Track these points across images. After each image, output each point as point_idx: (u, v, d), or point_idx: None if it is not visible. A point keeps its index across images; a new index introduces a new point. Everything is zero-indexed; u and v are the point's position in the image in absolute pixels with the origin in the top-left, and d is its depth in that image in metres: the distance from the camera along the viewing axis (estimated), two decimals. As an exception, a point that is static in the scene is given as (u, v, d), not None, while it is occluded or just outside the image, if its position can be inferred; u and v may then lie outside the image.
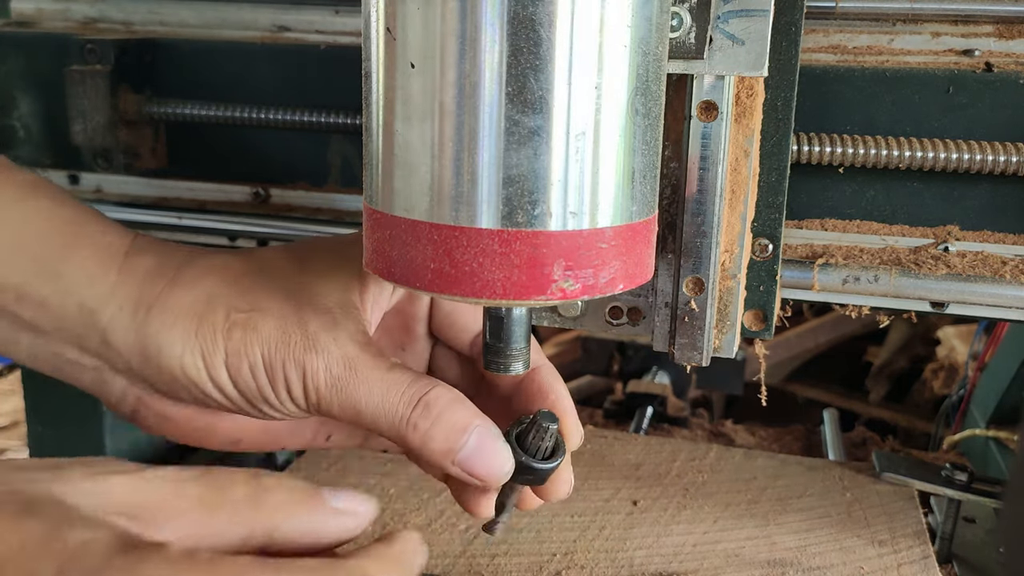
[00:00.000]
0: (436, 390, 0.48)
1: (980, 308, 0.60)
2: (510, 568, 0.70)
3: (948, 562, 0.76)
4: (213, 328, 0.49)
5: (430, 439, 0.47)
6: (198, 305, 0.50)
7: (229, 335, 0.49)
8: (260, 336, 0.48)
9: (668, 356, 0.58)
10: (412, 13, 0.40)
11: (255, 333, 0.48)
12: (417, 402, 0.47)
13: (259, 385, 0.49)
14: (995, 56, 0.59)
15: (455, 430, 0.47)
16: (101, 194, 0.76)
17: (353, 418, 0.48)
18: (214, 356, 0.49)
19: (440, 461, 0.47)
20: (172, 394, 0.51)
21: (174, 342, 0.49)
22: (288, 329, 0.49)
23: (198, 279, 0.51)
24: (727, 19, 0.51)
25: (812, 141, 0.59)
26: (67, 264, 0.51)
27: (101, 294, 0.51)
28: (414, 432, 0.47)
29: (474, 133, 0.40)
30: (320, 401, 0.48)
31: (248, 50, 0.73)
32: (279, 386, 0.48)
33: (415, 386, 0.48)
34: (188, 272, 0.52)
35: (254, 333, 0.48)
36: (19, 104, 0.77)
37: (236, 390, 0.49)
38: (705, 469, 0.85)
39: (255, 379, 0.48)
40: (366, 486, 0.81)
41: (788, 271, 0.61)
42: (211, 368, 0.49)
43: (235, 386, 0.49)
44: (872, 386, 1.65)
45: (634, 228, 0.44)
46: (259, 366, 0.48)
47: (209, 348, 0.49)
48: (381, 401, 0.47)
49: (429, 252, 0.42)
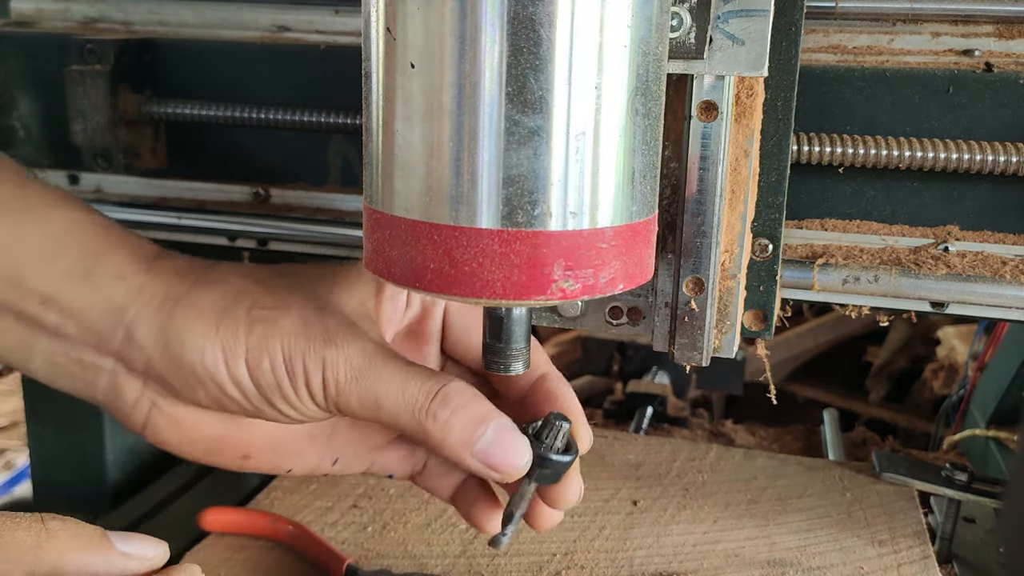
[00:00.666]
0: (455, 383, 0.49)
1: (980, 308, 0.60)
2: (510, 568, 0.70)
3: (948, 562, 0.76)
4: (235, 323, 0.50)
5: (450, 429, 0.47)
6: (222, 301, 0.51)
7: (251, 329, 0.50)
8: (281, 330, 0.49)
9: (668, 356, 0.58)
10: (412, 13, 0.40)
11: (276, 327, 0.49)
12: (436, 393, 0.48)
13: (278, 379, 0.49)
14: (995, 56, 0.59)
15: (474, 421, 0.48)
16: (101, 194, 0.76)
17: (373, 411, 0.49)
18: (235, 350, 0.49)
19: (459, 452, 0.48)
20: (189, 393, 0.51)
21: (196, 336, 0.50)
22: (309, 324, 0.49)
23: (224, 278, 0.53)
24: (727, 19, 0.51)
25: (812, 141, 0.58)
26: (101, 265, 0.52)
27: (131, 290, 0.52)
28: (434, 422, 0.48)
29: (474, 133, 0.40)
30: (339, 394, 0.49)
31: (248, 50, 0.73)
32: (298, 380, 0.49)
33: (434, 378, 0.49)
34: (215, 272, 0.53)
35: (275, 327, 0.49)
36: (19, 104, 0.77)
37: (254, 385, 0.50)
38: (705, 469, 0.85)
39: (274, 373, 0.49)
40: (366, 486, 0.81)
41: (788, 271, 0.61)
42: (231, 362, 0.49)
43: (253, 381, 0.50)
44: (872, 386, 1.65)
45: (634, 228, 0.44)
46: (279, 359, 0.49)
47: (230, 343, 0.49)
48: (401, 392, 0.48)
49: (429, 252, 0.42)
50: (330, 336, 0.49)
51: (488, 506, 0.57)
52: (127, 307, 0.51)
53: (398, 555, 0.72)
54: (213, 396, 0.51)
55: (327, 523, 0.76)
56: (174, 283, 0.52)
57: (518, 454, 0.48)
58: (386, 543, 0.74)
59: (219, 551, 0.72)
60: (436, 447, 0.49)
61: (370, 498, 0.80)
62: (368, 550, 0.73)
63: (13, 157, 0.78)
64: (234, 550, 0.73)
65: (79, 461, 0.86)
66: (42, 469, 0.89)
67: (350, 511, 0.78)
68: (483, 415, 0.48)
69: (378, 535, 0.75)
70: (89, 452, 0.85)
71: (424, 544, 0.73)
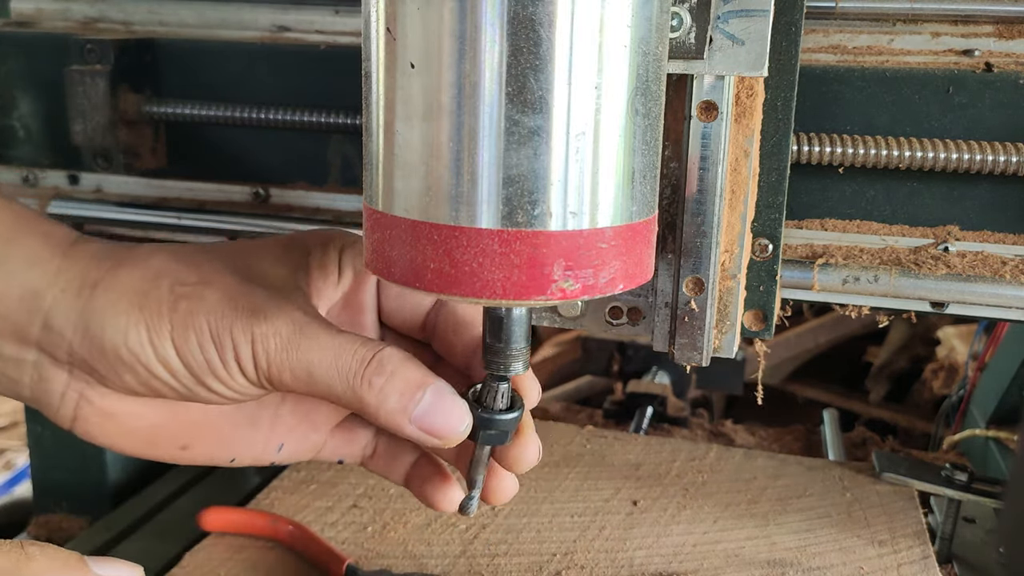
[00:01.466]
0: (389, 349, 0.47)
1: (980, 308, 0.60)
2: (510, 568, 0.70)
3: (948, 562, 0.76)
4: (159, 301, 0.48)
5: (386, 396, 0.46)
6: (144, 282, 0.49)
7: (175, 307, 0.48)
8: (206, 305, 0.47)
9: (668, 356, 0.58)
10: (412, 13, 0.40)
11: (200, 302, 0.48)
12: (371, 359, 0.47)
13: (206, 356, 0.47)
14: (995, 56, 0.59)
15: (410, 386, 0.46)
16: (101, 194, 0.76)
17: (306, 383, 0.47)
18: (160, 329, 0.48)
19: (397, 419, 0.46)
20: (116, 379, 0.49)
21: (118, 317, 0.48)
22: (235, 298, 0.48)
23: (145, 258, 0.51)
24: (727, 19, 0.51)
25: (812, 141, 0.59)
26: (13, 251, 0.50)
27: (45, 276, 0.50)
28: (369, 389, 0.46)
29: (474, 133, 0.40)
30: (271, 367, 0.47)
31: (248, 50, 0.73)
32: (227, 355, 0.47)
33: (367, 345, 0.47)
34: (135, 253, 0.51)
35: (199, 302, 0.48)
36: (19, 104, 0.77)
37: (182, 364, 0.48)
38: (705, 469, 0.85)
39: (202, 350, 0.47)
40: (366, 486, 0.81)
41: (788, 271, 0.61)
42: (156, 342, 0.48)
43: (181, 359, 0.48)
44: (872, 386, 1.65)
45: (634, 228, 0.44)
46: (205, 335, 0.47)
47: (154, 322, 0.48)
48: (334, 360, 0.46)
49: (429, 252, 0.42)
50: (257, 308, 0.47)
51: (441, 483, 0.56)
52: (43, 293, 0.49)
53: (398, 555, 0.72)
54: (142, 380, 0.49)
55: (327, 523, 0.76)
56: (92, 267, 0.50)
57: (456, 418, 0.47)
58: (386, 543, 0.74)
59: (219, 551, 0.72)
60: (373, 415, 0.47)
61: (370, 498, 0.80)
62: (368, 550, 0.73)
63: (13, 158, 0.78)
64: (234, 550, 0.73)
65: (79, 461, 0.86)
66: (42, 469, 0.89)
67: (350, 511, 0.78)
68: (420, 380, 0.47)
69: (378, 535, 0.75)
70: (89, 452, 0.86)
71: (424, 544, 0.73)
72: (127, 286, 0.49)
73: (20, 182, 0.77)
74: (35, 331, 0.50)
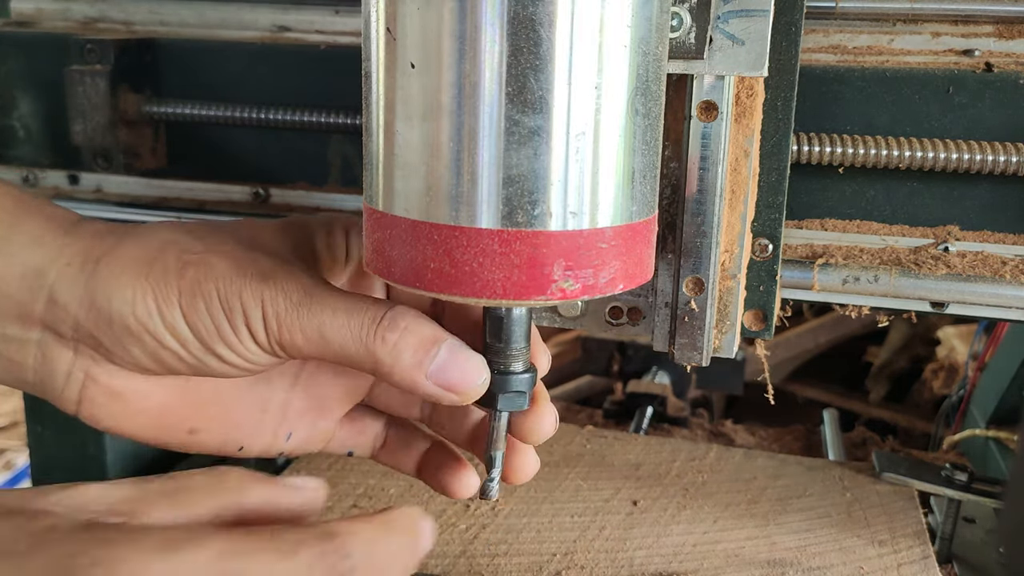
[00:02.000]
0: (400, 307, 0.47)
1: (980, 308, 0.60)
2: (510, 568, 0.70)
3: (948, 562, 0.76)
4: (165, 269, 0.47)
5: (400, 352, 0.45)
6: (150, 252, 0.48)
7: (182, 274, 0.47)
8: (214, 271, 0.47)
9: (668, 356, 0.58)
10: (412, 13, 0.40)
11: (208, 269, 0.47)
12: (383, 316, 0.46)
13: (216, 322, 0.47)
14: (995, 56, 0.59)
15: (425, 342, 0.46)
16: (101, 194, 0.76)
17: (318, 345, 0.46)
18: (168, 297, 0.47)
19: (412, 375, 0.46)
20: (123, 352, 0.49)
21: (124, 287, 0.47)
22: (242, 265, 0.47)
23: (150, 232, 0.50)
24: (727, 19, 0.51)
25: (812, 141, 0.59)
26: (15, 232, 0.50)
27: (48, 254, 0.49)
28: (383, 345, 0.45)
29: (474, 133, 0.40)
30: (281, 329, 0.46)
31: (248, 50, 0.73)
32: (237, 319, 0.47)
33: (378, 304, 0.47)
34: (139, 228, 0.51)
35: (207, 269, 0.47)
36: (19, 104, 0.77)
37: (191, 332, 0.47)
38: (705, 469, 0.85)
39: (211, 316, 0.47)
40: (366, 486, 0.81)
41: (788, 271, 0.61)
42: (164, 310, 0.47)
43: (190, 326, 0.47)
44: (872, 386, 1.65)
45: (634, 228, 0.44)
46: (214, 300, 0.47)
47: (162, 290, 0.47)
48: (346, 319, 0.46)
49: (429, 252, 0.42)
50: (266, 273, 0.47)
51: (457, 468, 0.55)
52: (46, 270, 0.49)
53: (398, 555, 0.72)
54: (150, 351, 0.48)
55: (327, 523, 0.76)
56: (96, 242, 0.49)
57: (474, 370, 0.46)
58: (386, 543, 0.73)
59: (219, 551, 0.72)
60: (387, 374, 0.46)
61: (370, 498, 0.80)
62: (368, 550, 0.73)
63: (13, 157, 0.78)
64: (234, 550, 0.72)
65: (79, 461, 0.86)
66: (42, 469, 0.89)
67: (350, 511, 0.78)
68: (434, 336, 0.46)
69: (378, 535, 0.74)
70: (89, 452, 0.85)
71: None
72: (133, 256, 0.48)
73: (20, 182, 0.77)
74: (39, 308, 0.49)
